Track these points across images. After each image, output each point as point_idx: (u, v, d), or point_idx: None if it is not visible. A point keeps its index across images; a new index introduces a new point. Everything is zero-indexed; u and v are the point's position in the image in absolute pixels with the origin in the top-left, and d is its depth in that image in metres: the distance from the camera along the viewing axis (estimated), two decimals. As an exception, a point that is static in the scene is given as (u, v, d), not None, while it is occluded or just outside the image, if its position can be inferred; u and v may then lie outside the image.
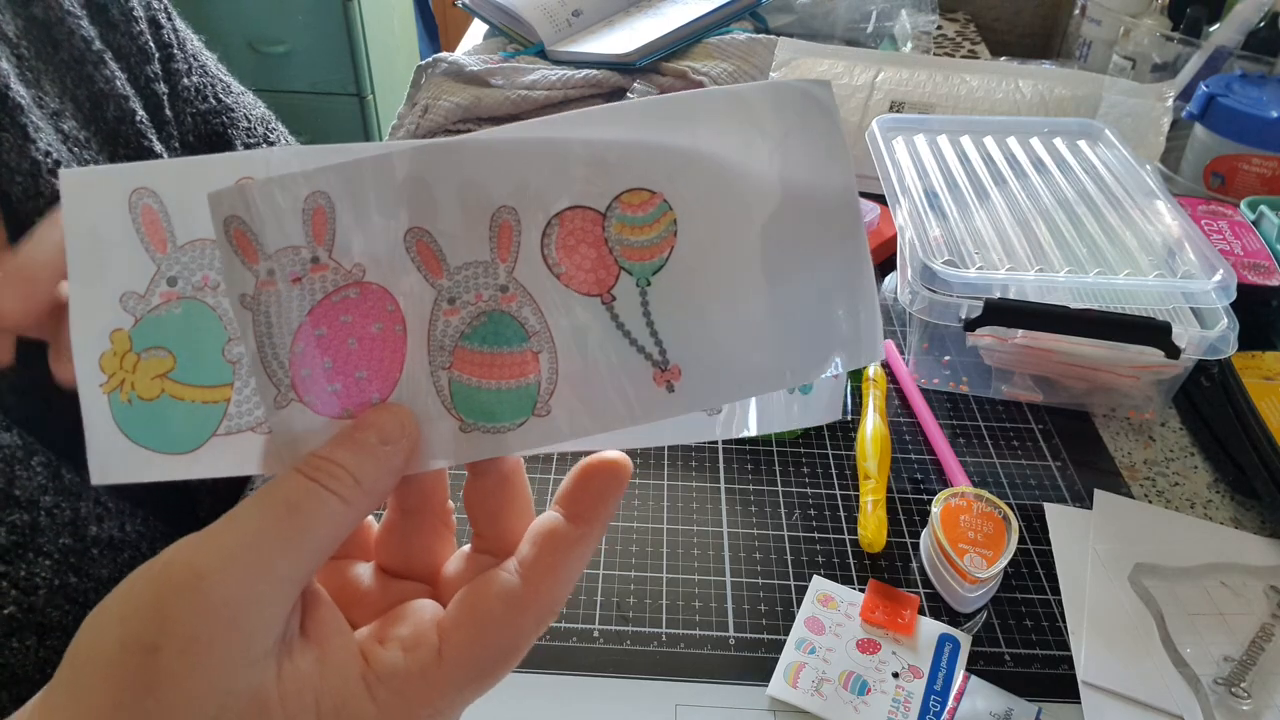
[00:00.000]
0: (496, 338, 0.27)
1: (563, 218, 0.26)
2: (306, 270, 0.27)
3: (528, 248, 0.27)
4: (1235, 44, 0.87)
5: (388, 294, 0.27)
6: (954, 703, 0.44)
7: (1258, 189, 0.79)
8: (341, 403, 0.27)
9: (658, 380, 0.26)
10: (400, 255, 0.27)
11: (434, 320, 0.27)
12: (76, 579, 0.40)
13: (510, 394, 0.27)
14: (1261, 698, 0.44)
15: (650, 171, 0.26)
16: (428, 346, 0.27)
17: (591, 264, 0.26)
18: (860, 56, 0.86)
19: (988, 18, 1.23)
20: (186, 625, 0.23)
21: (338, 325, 0.27)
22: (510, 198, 0.26)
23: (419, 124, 0.93)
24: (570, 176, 0.26)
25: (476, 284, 0.27)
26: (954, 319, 0.56)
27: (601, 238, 0.26)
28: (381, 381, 0.28)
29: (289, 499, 0.25)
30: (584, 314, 0.27)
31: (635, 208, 0.26)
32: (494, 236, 0.27)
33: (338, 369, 0.27)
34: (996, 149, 0.71)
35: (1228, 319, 0.55)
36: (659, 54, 0.97)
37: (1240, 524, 0.54)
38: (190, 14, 0.56)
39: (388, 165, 0.27)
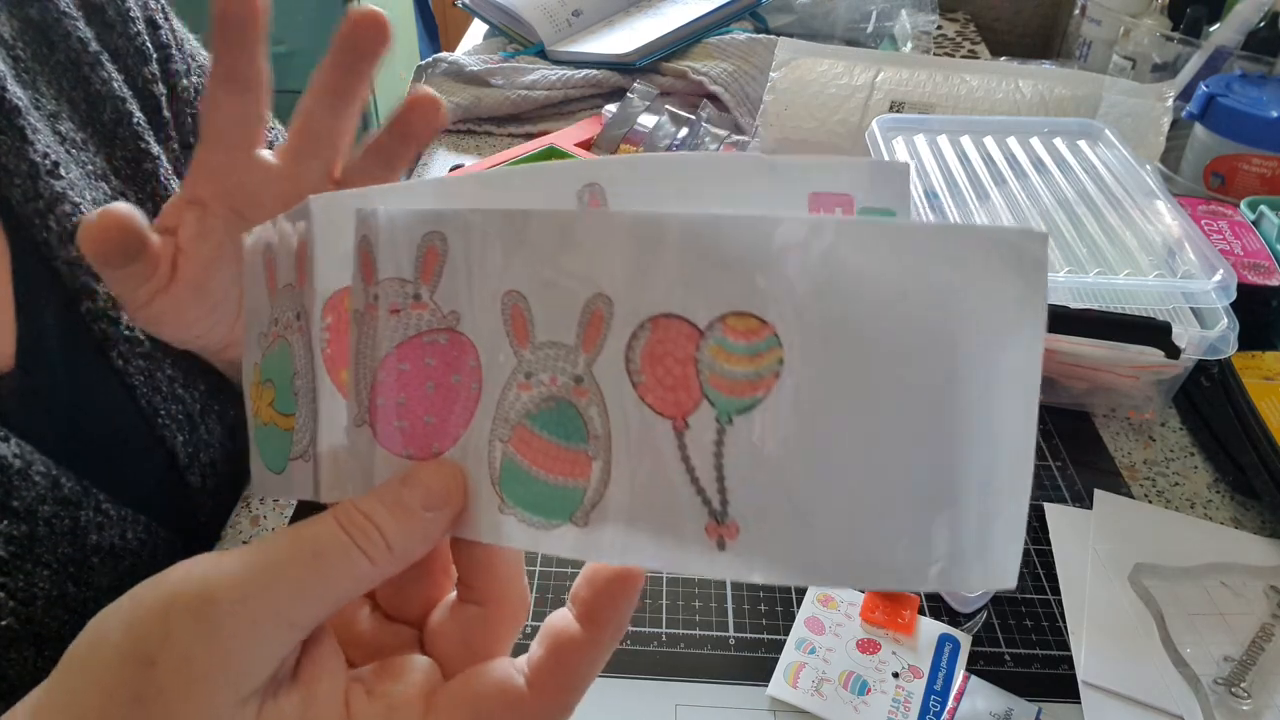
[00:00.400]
0: (558, 428, 0.25)
1: (656, 323, 0.23)
2: (407, 305, 0.26)
3: (613, 345, 0.24)
4: (1235, 44, 0.87)
5: (474, 349, 0.26)
6: (954, 703, 0.44)
7: (1258, 189, 0.79)
8: (405, 442, 0.27)
9: (710, 532, 0.23)
10: (495, 315, 0.26)
11: (507, 389, 0.26)
12: (76, 589, 0.40)
13: (556, 491, 0.25)
14: (1261, 698, 0.44)
15: (772, 297, 0.22)
16: (494, 413, 0.26)
17: (675, 382, 0.23)
18: (860, 56, 0.86)
19: (988, 18, 1.23)
20: (186, 646, 0.23)
21: (421, 365, 0.26)
22: (610, 285, 0.24)
23: (419, 124, 0.93)
24: (678, 278, 0.23)
25: (555, 366, 0.25)
26: (954, 319, 0.56)
27: (693, 356, 0.22)
28: (446, 433, 0.27)
29: (317, 547, 0.24)
30: (651, 434, 0.23)
31: (740, 334, 0.22)
32: (583, 324, 0.24)
33: (410, 408, 0.27)
34: (996, 149, 0.71)
35: (1228, 319, 0.55)
36: (659, 54, 0.97)
37: (1240, 524, 0.54)
38: (190, 14, 0.56)
39: (510, 223, 0.25)
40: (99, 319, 0.44)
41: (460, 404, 0.26)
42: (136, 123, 0.49)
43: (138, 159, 0.49)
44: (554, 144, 0.85)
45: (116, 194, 0.47)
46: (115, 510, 0.42)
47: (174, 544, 0.45)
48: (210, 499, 0.48)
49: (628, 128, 0.84)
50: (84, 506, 0.41)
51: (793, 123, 0.84)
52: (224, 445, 0.50)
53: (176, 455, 0.46)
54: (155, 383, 0.45)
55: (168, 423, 0.46)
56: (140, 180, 0.49)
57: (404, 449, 0.27)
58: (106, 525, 0.42)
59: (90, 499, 0.41)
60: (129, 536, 0.43)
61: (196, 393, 0.48)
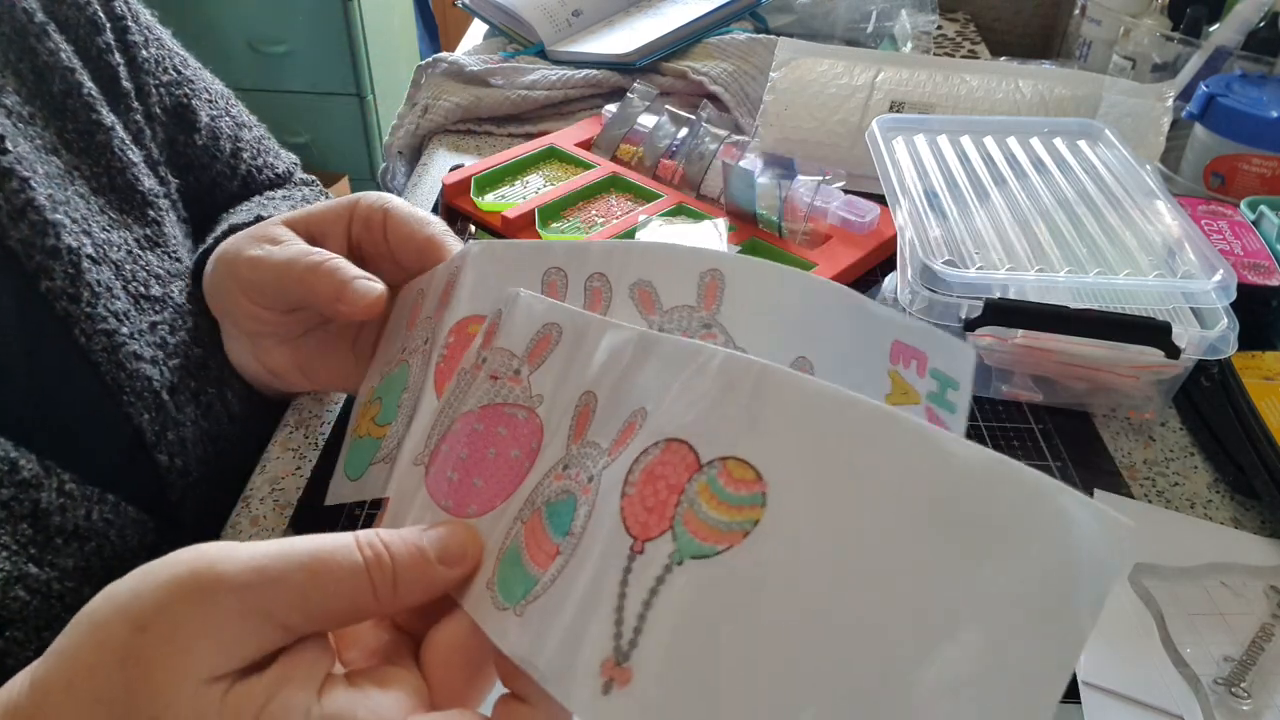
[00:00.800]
0: (557, 519, 0.25)
1: (669, 445, 0.23)
2: (506, 375, 0.29)
3: (629, 453, 0.24)
4: (1235, 44, 0.87)
5: (541, 433, 0.28)
6: (954, 703, 0.44)
7: (1258, 189, 0.79)
8: (449, 493, 0.29)
9: (605, 669, 0.21)
10: (568, 408, 0.28)
11: (547, 476, 0.27)
12: (38, 569, 0.39)
13: (525, 576, 0.25)
14: (1261, 698, 0.44)
15: (777, 457, 0.21)
16: (528, 495, 0.27)
17: (655, 504, 0.22)
18: (860, 56, 0.86)
19: (988, 18, 1.23)
20: (178, 617, 0.24)
21: (493, 431, 0.29)
22: (652, 400, 0.24)
23: (419, 124, 0.93)
24: (702, 411, 0.23)
25: (585, 463, 0.26)
26: (954, 319, 0.56)
27: (682, 486, 0.22)
28: (486, 500, 0.28)
29: (331, 563, 0.25)
30: (610, 547, 0.23)
31: (733, 481, 0.21)
32: (620, 430, 0.25)
33: (466, 465, 0.28)
34: (996, 149, 0.71)
35: (1228, 319, 0.55)
36: (659, 54, 0.97)
37: (1240, 524, 0.54)
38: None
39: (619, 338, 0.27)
40: (59, 297, 0.43)
41: (509, 478, 0.28)
42: (87, 93, 0.48)
43: (90, 131, 0.48)
44: (554, 144, 0.85)
45: (69, 168, 0.47)
46: (79, 490, 0.41)
47: (144, 524, 0.45)
48: (180, 479, 0.47)
49: (628, 128, 0.84)
50: (44, 488, 0.40)
51: (793, 123, 0.84)
52: (198, 425, 0.49)
53: (143, 433, 0.45)
54: (119, 360, 0.45)
55: (133, 400, 0.45)
56: (93, 153, 0.48)
57: (445, 499, 0.29)
58: (70, 506, 0.41)
59: (52, 479, 0.40)
60: (94, 517, 0.42)
61: (165, 369, 0.47)
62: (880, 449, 0.20)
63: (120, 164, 0.49)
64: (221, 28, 2.06)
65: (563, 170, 0.83)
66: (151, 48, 0.54)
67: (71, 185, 0.46)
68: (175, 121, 0.56)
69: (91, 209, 0.47)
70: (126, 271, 0.47)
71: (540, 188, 0.80)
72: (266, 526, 0.49)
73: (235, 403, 0.51)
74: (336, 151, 2.26)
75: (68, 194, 0.46)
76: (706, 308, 0.29)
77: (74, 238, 0.44)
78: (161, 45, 0.56)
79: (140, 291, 0.47)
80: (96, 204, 0.47)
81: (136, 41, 0.52)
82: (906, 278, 0.58)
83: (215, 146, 0.59)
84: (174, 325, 0.49)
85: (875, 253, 0.73)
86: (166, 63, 0.55)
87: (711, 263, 0.29)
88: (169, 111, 0.55)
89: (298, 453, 0.54)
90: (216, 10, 2.04)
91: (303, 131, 2.22)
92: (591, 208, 0.77)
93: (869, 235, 0.74)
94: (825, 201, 0.75)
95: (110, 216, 0.48)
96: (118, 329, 0.45)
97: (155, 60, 0.54)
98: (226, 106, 0.61)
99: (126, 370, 0.45)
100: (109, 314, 0.45)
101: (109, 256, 0.46)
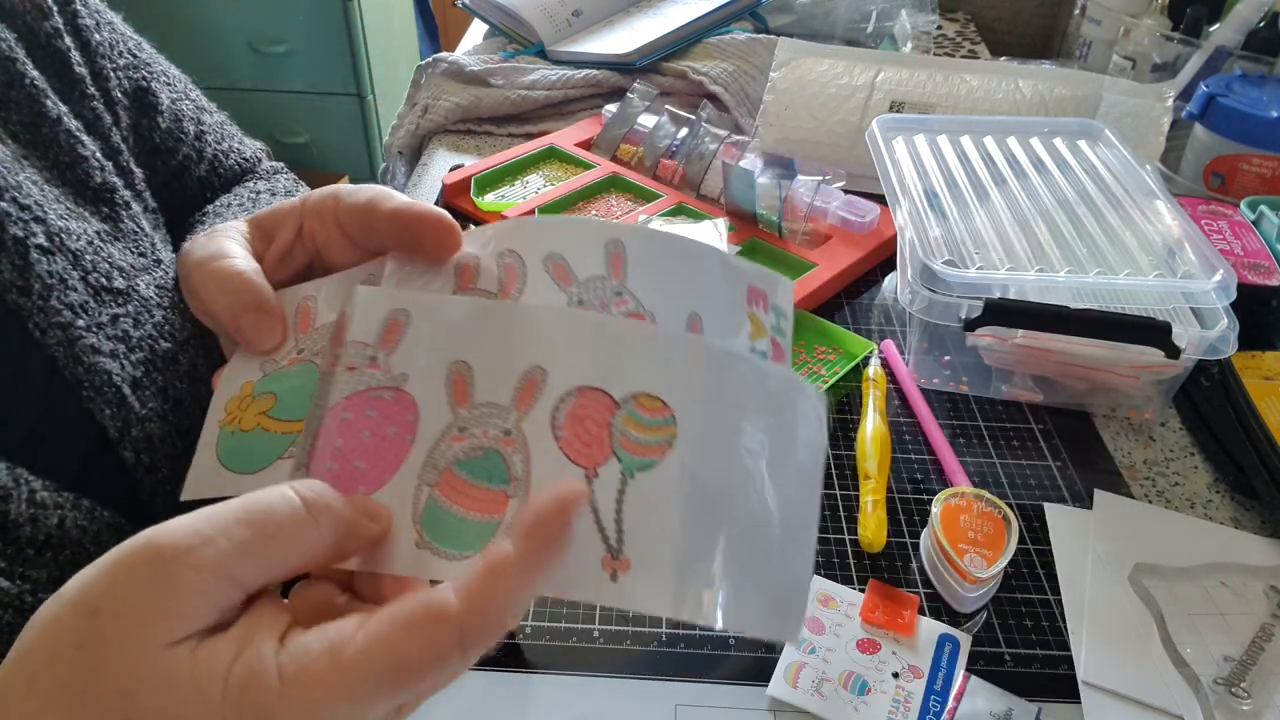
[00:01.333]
0: (484, 472, 0.30)
1: (582, 392, 0.29)
2: (363, 364, 0.31)
3: (542, 405, 0.29)
4: (1235, 44, 0.87)
5: (414, 406, 0.31)
6: (954, 703, 0.44)
7: (1258, 189, 0.79)
8: (332, 481, 0.30)
9: (605, 565, 0.27)
10: (438, 379, 0.31)
11: (440, 442, 0.30)
12: (9, 583, 0.39)
13: (473, 526, 0.29)
14: (1261, 698, 0.44)
15: (675, 389, 0.29)
16: (423, 461, 0.30)
17: (591, 439, 0.28)
18: (860, 56, 0.86)
19: (988, 18, 1.23)
20: (129, 593, 0.24)
21: (362, 416, 0.31)
22: (545, 360, 0.30)
23: (419, 124, 0.93)
24: (604, 364, 0.29)
25: (488, 422, 0.30)
26: (954, 319, 0.56)
27: (608, 421, 0.28)
28: (373, 479, 0.31)
29: (273, 518, 0.26)
30: (566, 478, 0.28)
31: (648, 410, 0.28)
32: (520, 388, 0.30)
33: (344, 453, 0.31)
34: (996, 149, 0.71)
35: (1228, 319, 0.55)
36: (659, 54, 0.97)
37: (1240, 524, 0.54)
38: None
39: (467, 309, 0.31)
40: (8, 290, 0.42)
41: (391, 453, 0.31)
42: (30, 83, 0.46)
43: (35, 122, 0.47)
44: (554, 144, 0.85)
45: (16, 158, 0.45)
46: (50, 498, 0.40)
47: (120, 528, 0.44)
48: (149, 475, 0.47)
49: (628, 128, 0.84)
50: (13, 499, 0.39)
51: (793, 123, 0.84)
52: (166, 420, 0.48)
53: (105, 429, 0.45)
54: (75, 354, 0.44)
55: (92, 395, 0.44)
56: (41, 145, 0.47)
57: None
58: (41, 516, 0.40)
59: (21, 489, 0.39)
60: (68, 524, 0.41)
61: (127, 363, 0.47)
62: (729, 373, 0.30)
63: (70, 157, 0.48)
64: (221, 28, 2.06)
65: (563, 170, 0.83)
66: (104, 31, 0.52)
67: (22, 172, 0.45)
68: (137, 105, 0.54)
69: (46, 196, 0.45)
70: (86, 262, 0.46)
71: (540, 188, 0.80)
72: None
73: (209, 398, 0.50)
74: (336, 151, 2.26)
75: (19, 179, 0.45)
76: (615, 276, 0.33)
77: (20, 227, 0.43)
78: (114, 29, 0.54)
79: (101, 283, 0.46)
80: (51, 193, 0.46)
81: (88, 25, 0.51)
82: (906, 278, 0.58)
83: (179, 129, 0.58)
84: (138, 319, 0.47)
85: (875, 253, 0.73)
86: (121, 46, 0.54)
87: (612, 233, 0.34)
88: (129, 95, 0.54)
89: (298, 453, 0.54)
90: (216, 10, 2.03)
91: (303, 131, 2.22)
92: (591, 208, 0.77)
93: (869, 235, 0.74)
94: (825, 201, 0.75)
95: (66, 206, 0.47)
96: (73, 321, 0.43)
97: (110, 44, 0.52)
98: (185, 89, 0.60)
99: (84, 364, 0.44)
100: (63, 306, 0.43)
101: (66, 246, 0.45)
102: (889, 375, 0.63)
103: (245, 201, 0.58)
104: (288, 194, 0.62)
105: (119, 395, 0.45)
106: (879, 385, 0.60)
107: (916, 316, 0.58)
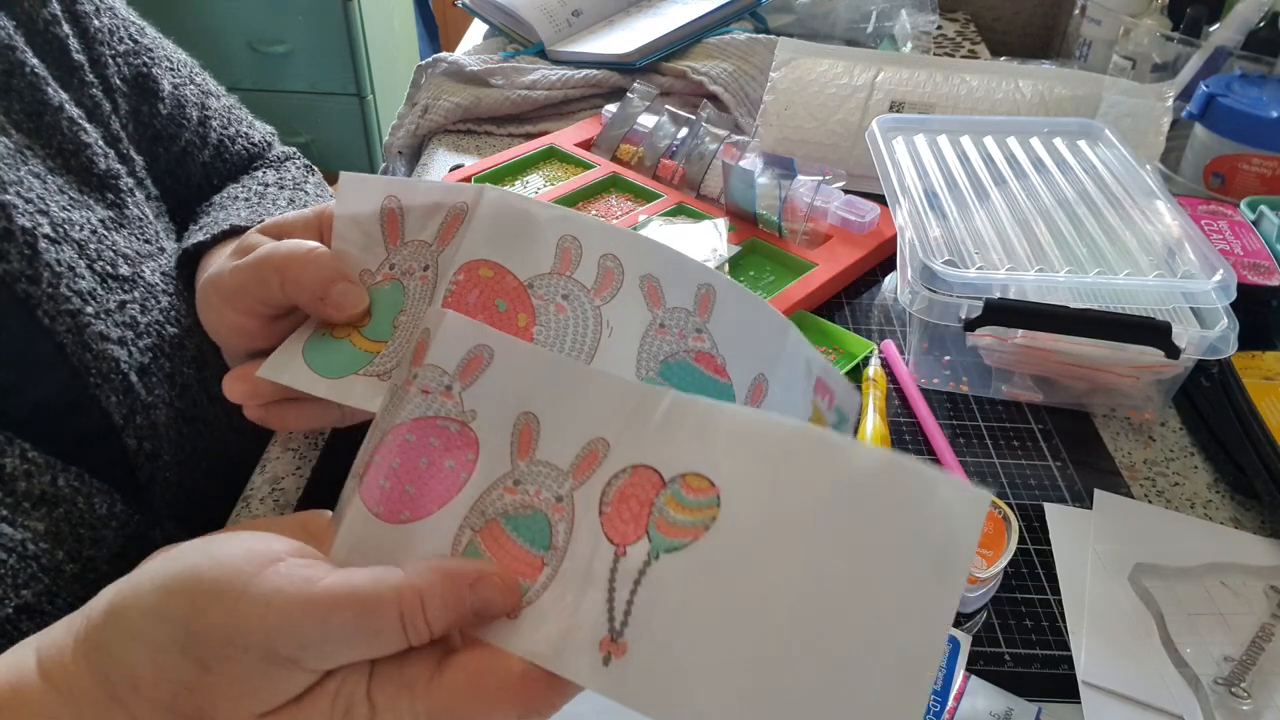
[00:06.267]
0: (529, 533, 0.29)
1: (636, 470, 0.28)
2: (438, 391, 0.30)
3: (598, 478, 0.29)
4: (1235, 44, 0.87)
5: (476, 445, 0.31)
6: (954, 703, 0.44)
7: (1258, 189, 0.79)
8: (380, 499, 0.30)
9: (603, 645, 0.26)
10: (506, 426, 0.31)
11: (493, 489, 0.30)
12: (11, 529, 0.39)
13: None
14: (1261, 698, 0.44)
15: (725, 466, 0.27)
16: (472, 505, 0.30)
17: (631, 516, 0.28)
18: (860, 56, 0.86)
19: (988, 18, 1.23)
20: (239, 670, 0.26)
21: (425, 442, 0.30)
22: (611, 433, 0.29)
23: (419, 124, 0.93)
24: (662, 441, 0.28)
25: (542, 482, 0.30)
26: (954, 319, 0.56)
27: (652, 500, 0.27)
28: (420, 507, 0.30)
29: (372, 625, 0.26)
30: (597, 554, 0.28)
31: (692, 490, 0.27)
32: (580, 457, 0.30)
33: (399, 473, 0.30)
34: (996, 149, 0.71)
35: (1228, 319, 0.55)
36: (659, 54, 0.97)
37: (1240, 524, 0.54)
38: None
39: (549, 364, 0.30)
40: (18, 279, 0.42)
41: (443, 486, 0.30)
42: (31, 71, 0.47)
43: (37, 111, 0.47)
44: (554, 144, 0.85)
45: (20, 148, 0.46)
46: (42, 458, 0.41)
47: (110, 494, 0.44)
48: (149, 462, 0.47)
49: (628, 128, 0.84)
50: (7, 454, 0.40)
51: (793, 123, 0.84)
52: (172, 407, 0.48)
53: (110, 415, 0.45)
54: (84, 340, 0.44)
55: (99, 381, 0.44)
56: (43, 133, 0.47)
57: (377, 506, 0.30)
58: (35, 473, 0.41)
59: (14, 447, 0.40)
60: (60, 484, 0.42)
61: (134, 349, 0.46)
62: (798, 456, 0.26)
63: (73, 145, 0.48)
64: (221, 28, 2.06)
65: (563, 170, 0.83)
66: (104, 16, 0.52)
67: (25, 165, 0.45)
68: (137, 92, 0.54)
69: (49, 189, 0.46)
70: (91, 251, 0.46)
71: (540, 188, 0.80)
72: (266, 526, 0.49)
73: (215, 383, 0.50)
74: (336, 151, 2.26)
75: (20, 174, 0.44)
76: (700, 314, 0.33)
77: (28, 218, 0.43)
78: (115, 14, 0.53)
79: (107, 271, 0.46)
80: (55, 184, 0.46)
81: (87, 11, 0.51)
82: (906, 278, 0.58)
83: (181, 115, 0.57)
84: (145, 305, 0.48)
85: (875, 253, 0.73)
86: (121, 31, 0.53)
87: (707, 278, 0.34)
88: (129, 82, 0.53)
89: (298, 453, 0.54)
90: (216, 10, 2.04)
91: (303, 131, 2.22)
92: (591, 208, 0.77)
93: (869, 235, 0.74)
94: (825, 201, 0.75)
95: (70, 196, 0.47)
96: (82, 309, 0.44)
97: (109, 30, 0.52)
98: (190, 74, 0.59)
99: (93, 351, 0.44)
100: (72, 294, 0.44)
101: (70, 236, 0.45)
102: (889, 375, 0.63)
103: (251, 195, 0.58)
104: (296, 185, 0.62)
105: (125, 382, 0.45)
106: (879, 385, 0.60)
107: (916, 316, 0.58)
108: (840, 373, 0.37)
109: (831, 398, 0.37)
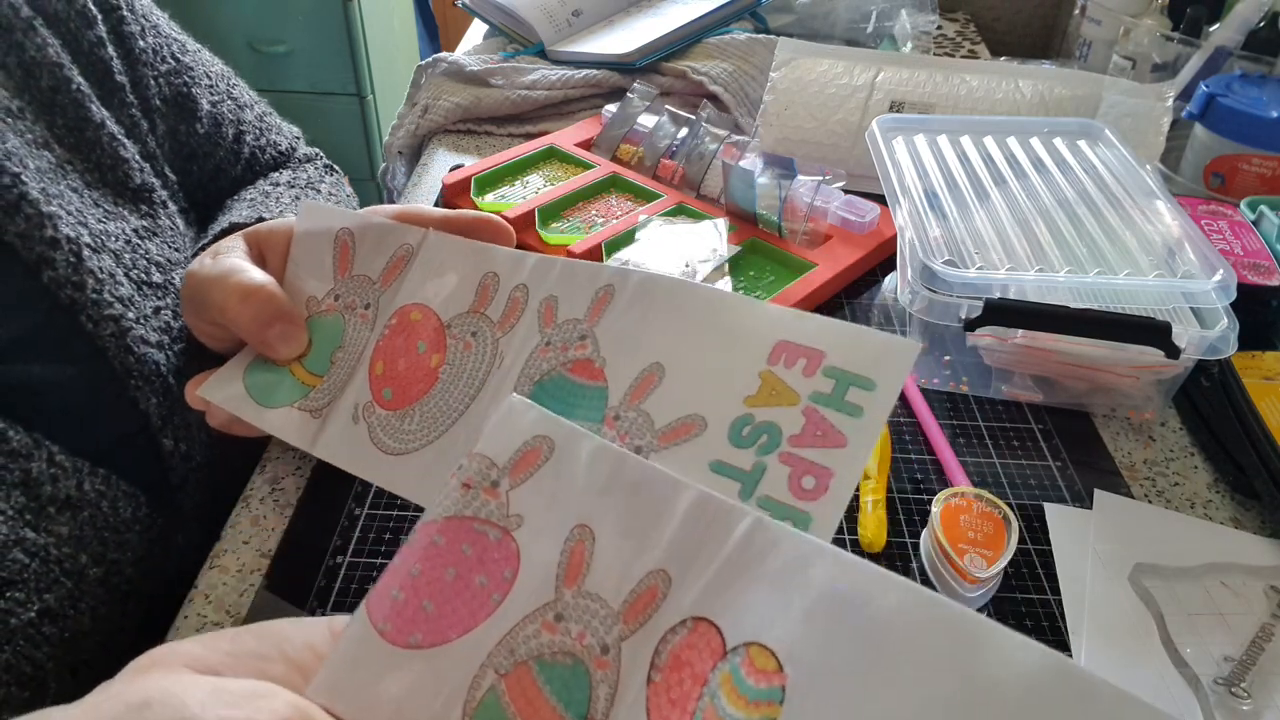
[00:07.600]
0: (564, 688, 0.23)
1: (697, 625, 0.22)
2: (481, 486, 0.25)
3: (654, 627, 0.23)
4: (1235, 44, 0.87)
5: (517, 562, 0.25)
6: (954, 703, 0.44)
7: (1258, 189, 0.79)
8: (389, 615, 0.25)
9: None
10: (556, 540, 0.25)
11: (529, 621, 0.24)
12: (34, 534, 0.40)
13: None
14: (1261, 698, 0.44)
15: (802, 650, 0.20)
16: (500, 639, 0.24)
17: (679, 696, 0.22)
18: (860, 56, 0.86)
19: (988, 18, 1.23)
20: None
21: (456, 549, 0.25)
22: (676, 565, 0.23)
23: (419, 124, 0.93)
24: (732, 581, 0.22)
25: (589, 623, 0.24)
26: (954, 319, 0.56)
27: (705, 677, 0.21)
28: (436, 631, 0.25)
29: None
30: None
31: (754, 672, 0.21)
32: (635, 594, 0.23)
33: (416, 584, 0.25)
34: (996, 149, 0.71)
35: (1228, 319, 0.55)
36: (659, 54, 0.97)
37: (1240, 524, 0.54)
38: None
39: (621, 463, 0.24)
40: (63, 286, 0.43)
41: (468, 609, 0.24)
42: (76, 89, 0.48)
43: (80, 127, 0.48)
44: (554, 144, 0.85)
45: (61, 162, 0.47)
46: (69, 461, 0.42)
47: (135, 497, 0.45)
48: (184, 463, 0.48)
49: (628, 128, 0.84)
50: (35, 459, 0.41)
51: (793, 123, 0.84)
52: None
53: (150, 417, 0.46)
54: (126, 344, 0.45)
55: (140, 384, 0.45)
56: (84, 148, 0.48)
57: (384, 620, 0.25)
58: (61, 476, 0.41)
59: (41, 450, 0.41)
60: (86, 487, 0.42)
61: (171, 354, 0.47)
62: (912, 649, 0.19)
63: (111, 160, 0.49)
64: (221, 28, 2.06)
65: (563, 170, 0.83)
66: (149, 37, 0.53)
67: (64, 179, 0.46)
68: (176, 111, 0.55)
69: (86, 202, 0.47)
70: (127, 259, 0.47)
71: (540, 188, 0.80)
72: (266, 527, 0.49)
73: None
74: (336, 151, 2.25)
75: (60, 188, 0.46)
76: (590, 319, 0.31)
77: (71, 228, 0.44)
78: (159, 33, 0.55)
79: (142, 279, 0.48)
80: (91, 197, 0.47)
81: (133, 32, 0.52)
82: (906, 278, 0.58)
83: (218, 134, 0.59)
84: (177, 311, 0.49)
85: (875, 253, 0.73)
86: (164, 51, 0.55)
87: (608, 278, 0.31)
88: (169, 102, 0.55)
89: (298, 453, 0.54)
90: (216, 10, 2.03)
91: (303, 131, 2.22)
92: (592, 208, 0.77)
93: (869, 235, 0.74)
94: (825, 201, 0.75)
95: (105, 209, 0.48)
96: (123, 314, 0.45)
97: (153, 50, 0.53)
98: (228, 89, 0.61)
99: (134, 355, 0.45)
100: (114, 299, 0.45)
101: (107, 246, 0.46)
102: (889, 375, 0.63)
103: (257, 195, 0.59)
104: (308, 184, 0.63)
105: (165, 384, 0.46)
106: (879, 385, 0.60)
107: (916, 316, 0.58)
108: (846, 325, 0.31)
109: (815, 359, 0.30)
